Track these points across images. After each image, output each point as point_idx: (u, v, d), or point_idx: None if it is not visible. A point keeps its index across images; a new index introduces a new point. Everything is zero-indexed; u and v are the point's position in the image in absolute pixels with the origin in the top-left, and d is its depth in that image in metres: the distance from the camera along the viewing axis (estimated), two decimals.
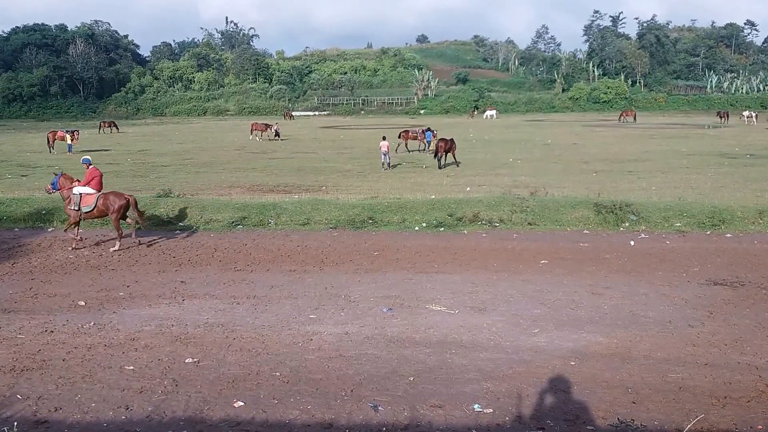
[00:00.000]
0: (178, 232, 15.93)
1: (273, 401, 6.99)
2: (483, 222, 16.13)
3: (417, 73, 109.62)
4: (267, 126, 48.13)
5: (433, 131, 36.20)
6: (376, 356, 8.19)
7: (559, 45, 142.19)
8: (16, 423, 6.46)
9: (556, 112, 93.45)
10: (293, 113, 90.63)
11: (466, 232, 15.59)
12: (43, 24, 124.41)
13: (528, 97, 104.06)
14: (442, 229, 15.87)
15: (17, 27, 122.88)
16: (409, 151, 36.00)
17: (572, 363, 7.93)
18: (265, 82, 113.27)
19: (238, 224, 16.42)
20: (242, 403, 6.94)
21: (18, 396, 7.07)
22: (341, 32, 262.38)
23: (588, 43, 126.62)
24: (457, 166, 28.43)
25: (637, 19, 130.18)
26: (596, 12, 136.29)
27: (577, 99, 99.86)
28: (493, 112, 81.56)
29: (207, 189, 21.57)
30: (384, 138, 28.49)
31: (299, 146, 41.80)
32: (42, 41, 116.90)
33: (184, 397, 7.06)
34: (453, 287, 11.15)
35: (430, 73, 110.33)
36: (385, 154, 27.66)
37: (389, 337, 8.82)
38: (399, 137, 36.09)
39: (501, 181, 22.61)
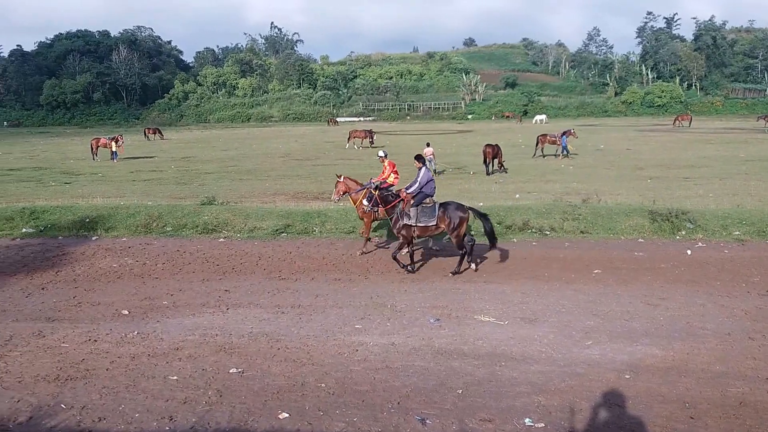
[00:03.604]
0: (221, 240, 15.98)
1: (318, 413, 6.86)
2: (533, 230, 15.76)
3: (464, 78, 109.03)
4: (367, 133, 46.95)
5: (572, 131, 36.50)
6: (423, 368, 7.99)
7: (611, 47, 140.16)
8: None
9: (608, 117, 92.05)
10: (338, 119, 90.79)
11: (515, 240, 15.25)
12: (86, 30, 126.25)
13: (579, 101, 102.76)
14: None
15: (60, 33, 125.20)
16: (543, 156, 35.41)
17: (627, 376, 7.63)
18: (309, 88, 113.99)
19: (283, 232, 16.38)
20: (287, 415, 6.82)
21: (62, 405, 7.08)
22: (387, 37, 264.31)
23: (641, 46, 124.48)
24: (505, 172, 28.07)
25: (694, 18, 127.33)
26: (650, 13, 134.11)
27: (630, 103, 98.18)
28: (543, 116, 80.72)
29: (251, 196, 21.69)
30: (428, 144, 28.31)
31: (344, 153, 41.98)
32: (85, 48, 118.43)
33: (228, 408, 6.98)
34: (502, 297, 10.88)
35: (478, 77, 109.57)
36: (430, 161, 27.42)
37: (437, 349, 8.61)
38: (537, 143, 35.52)
39: (551, 188, 22.20)
